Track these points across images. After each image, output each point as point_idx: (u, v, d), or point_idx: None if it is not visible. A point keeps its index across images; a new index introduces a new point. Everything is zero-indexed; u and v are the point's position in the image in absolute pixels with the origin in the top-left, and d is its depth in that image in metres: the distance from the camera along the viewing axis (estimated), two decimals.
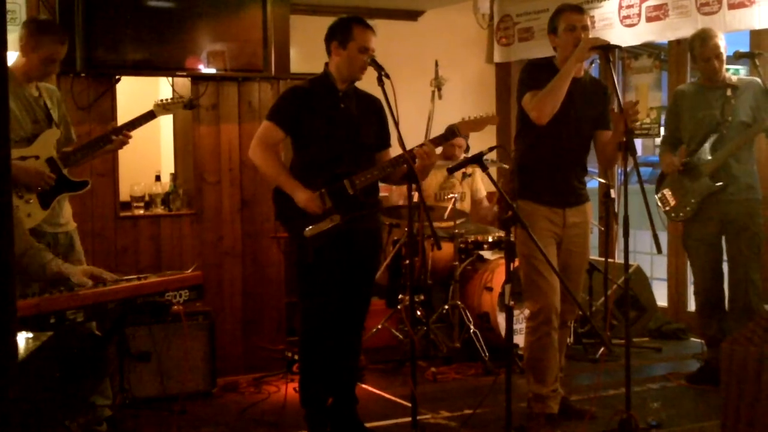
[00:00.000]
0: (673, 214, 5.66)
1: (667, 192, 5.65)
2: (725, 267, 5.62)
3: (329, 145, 4.58)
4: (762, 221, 5.53)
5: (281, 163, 4.72)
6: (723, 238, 5.54)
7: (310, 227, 4.52)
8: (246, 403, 5.43)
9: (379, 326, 6.45)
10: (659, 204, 5.66)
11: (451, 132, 4.65)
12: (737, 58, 5.54)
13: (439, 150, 5.21)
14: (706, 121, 5.47)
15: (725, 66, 5.50)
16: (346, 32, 4.56)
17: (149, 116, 4.92)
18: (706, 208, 5.49)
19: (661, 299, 7.37)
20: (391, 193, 6.95)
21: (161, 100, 5.02)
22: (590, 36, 4.76)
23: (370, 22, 4.67)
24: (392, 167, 4.57)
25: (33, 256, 3.91)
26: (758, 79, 5.51)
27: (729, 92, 5.41)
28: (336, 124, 4.60)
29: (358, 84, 4.72)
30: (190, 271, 4.07)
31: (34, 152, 4.56)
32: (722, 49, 5.41)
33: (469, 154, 5.79)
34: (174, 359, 5.41)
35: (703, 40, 5.42)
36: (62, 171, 4.64)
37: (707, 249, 5.56)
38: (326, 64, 4.68)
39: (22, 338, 3.17)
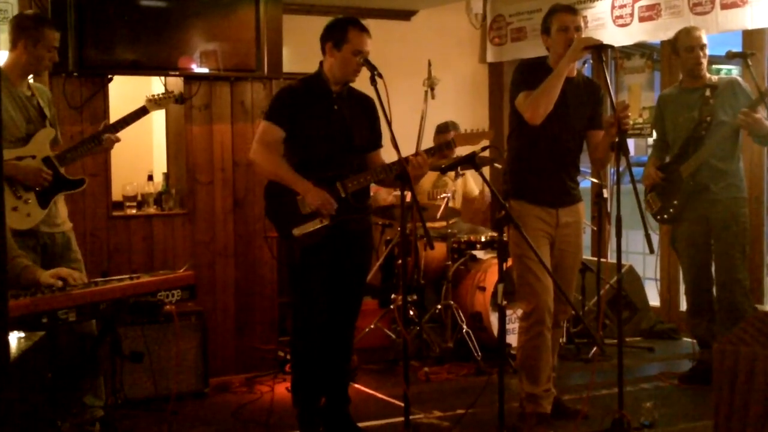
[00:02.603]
0: (658, 217, 5.69)
1: (652, 195, 5.67)
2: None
3: (322, 146, 4.58)
4: (747, 220, 5.54)
5: (286, 162, 4.67)
6: (712, 238, 5.55)
7: (299, 227, 4.52)
8: (238, 403, 5.42)
9: (372, 326, 6.45)
10: (646, 207, 5.67)
11: (447, 144, 4.72)
12: (730, 57, 5.55)
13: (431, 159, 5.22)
14: (686, 124, 5.49)
15: (705, 64, 5.51)
16: (341, 34, 4.55)
17: (141, 112, 4.92)
18: (692, 209, 5.50)
19: (654, 299, 7.38)
20: (378, 192, 6.95)
21: (153, 96, 5.02)
22: (583, 36, 4.77)
23: (363, 22, 4.66)
24: (385, 173, 4.56)
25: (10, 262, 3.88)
26: (739, 78, 5.54)
27: (708, 92, 5.43)
28: (329, 126, 4.59)
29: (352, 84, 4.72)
30: (182, 270, 4.06)
31: (30, 152, 4.56)
32: (705, 43, 5.43)
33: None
34: (166, 359, 5.40)
35: (687, 30, 5.51)
36: (59, 170, 4.64)
37: (695, 249, 5.57)
38: (320, 64, 4.67)
39: (14, 338, 3.16)
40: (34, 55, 4.56)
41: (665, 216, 5.63)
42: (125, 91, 5.99)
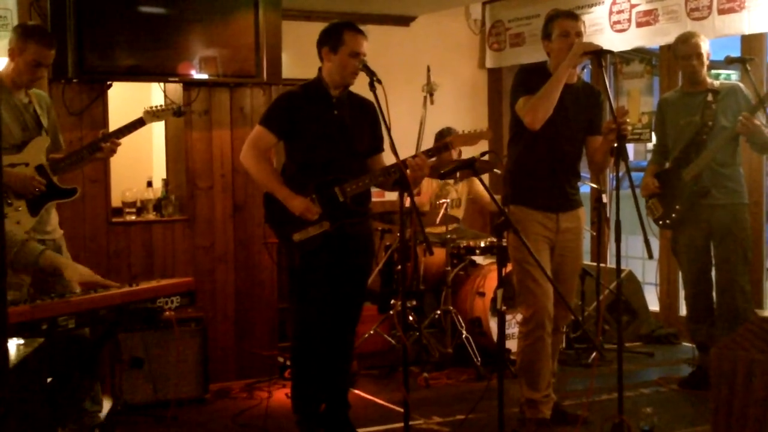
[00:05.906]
0: (660, 222, 5.68)
1: (654, 201, 5.67)
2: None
3: (322, 151, 4.59)
4: (748, 225, 5.54)
5: (273, 169, 4.72)
6: (711, 243, 5.55)
7: (299, 233, 4.52)
8: (238, 409, 5.42)
9: (372, 331, 6.45)
10: (648, 212, 5.67)
11: (445, 146, 4.71)
12: (728, 62, 5.55)
13: (431, 161, 5.22)
14: (687, 128, 5.50)
15: (706, 70, 5.52)
16: (337, 37, 4.57)
17: (139, 123, 4.92)
18: (693, 214, 5.50)
19: (653, 304, 7.38)
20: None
21: (151, 107, 5.02)
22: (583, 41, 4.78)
23: (362, 27, 4.68)
24: (384, 176, 4.57)
25: (23, 250, 3.88)
26: (741, 84, 5.54)
27: (710, 97, 5.43)
28: (329, 130, 4.60)
29: (352, 87, 4.73)
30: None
31: (23, 159, 4.56)
32: (703, 50, 5.43)
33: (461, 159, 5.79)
34: (166, 365, 5.40)
35: (684, 39, 5.50)
36: (51, 178, 4.64)
37: (695, 254, 5.56)
38: (319, 69, 4.68)
39: (14, 345, 3.16)
40: (17, 66, 4.53)
41: (667, 221, 5.62)
42: (125, 97, 6.00)
